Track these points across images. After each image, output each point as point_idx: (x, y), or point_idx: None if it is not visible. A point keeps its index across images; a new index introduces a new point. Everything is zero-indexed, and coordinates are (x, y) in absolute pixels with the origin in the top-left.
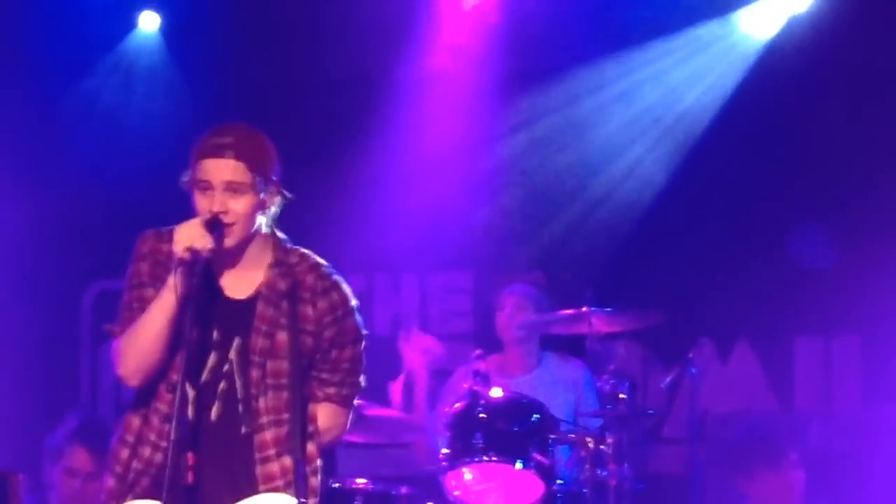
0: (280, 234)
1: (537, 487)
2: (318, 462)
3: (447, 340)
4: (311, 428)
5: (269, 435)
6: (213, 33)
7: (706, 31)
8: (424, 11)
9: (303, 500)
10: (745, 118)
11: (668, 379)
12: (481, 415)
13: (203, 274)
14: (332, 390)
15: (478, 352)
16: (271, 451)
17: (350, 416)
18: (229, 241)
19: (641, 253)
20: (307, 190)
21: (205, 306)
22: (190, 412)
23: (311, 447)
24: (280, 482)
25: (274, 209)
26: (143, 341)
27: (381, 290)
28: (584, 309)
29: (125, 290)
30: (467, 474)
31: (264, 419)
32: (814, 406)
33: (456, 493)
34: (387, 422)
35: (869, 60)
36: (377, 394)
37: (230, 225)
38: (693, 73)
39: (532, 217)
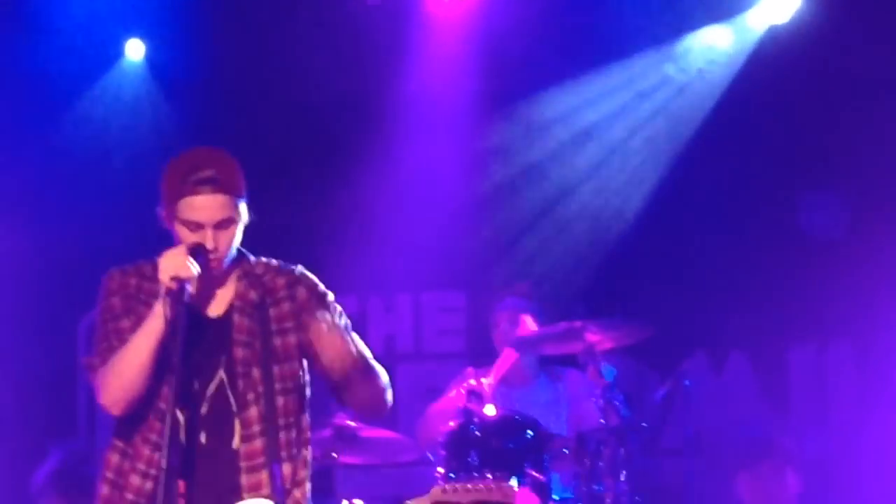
0: (241, 247)
1: None
2: (307, 472)
3: (441, 359)
4: (304, 436)
5: (258, 443)
6: (199, 59)
7: (690, 41)
8: (411, 33)
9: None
10: (732, 127)
11: (662, 391)
12: (476, 433)
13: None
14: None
15: (470, 370)
16: (260, 460)
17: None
18: (215, 270)
19: (632, 265)
20: (299, 213)
21: (187, 331)
22: (182, 437)
23: (306, 454)
24: (267, 490)
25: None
26: (127, 370)
27: (375, 312)
28: (577, 323)
29: (99, 324)
30: None
31: (255, 428)
32: (809, 415)
33: None
34: (383, 442)
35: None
36: None
37: (218, 258)
38: (676, 84)
39: (522, 233)
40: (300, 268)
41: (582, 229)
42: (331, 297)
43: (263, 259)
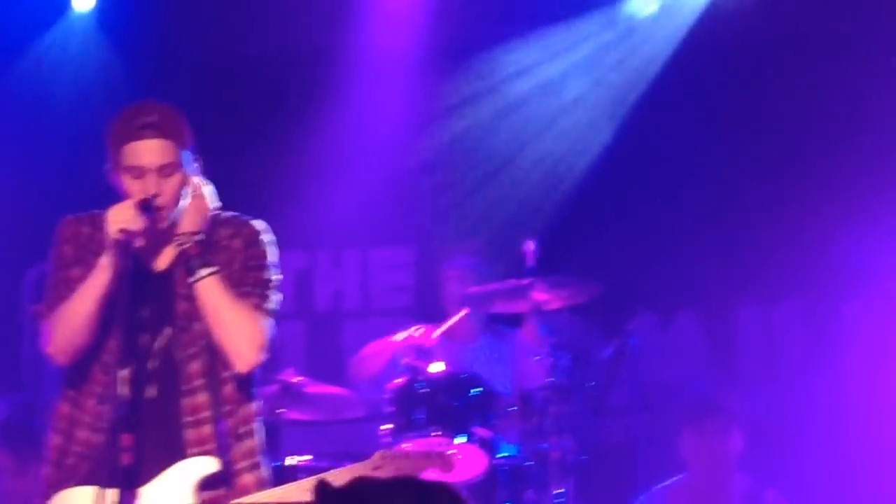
0: None
1: (480, 461)
2: (255, 425)
3: (389, 316)
4: (249, 389)
5: (202, 398)
6: (148, 12)
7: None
8: None
9: (225, 460)
10: (686, 84)
11: (609, 350)
12: (422, 390)
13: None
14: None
15: (417, 327)
16: (204, 414)
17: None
18: (162, 222)
19: (580, 223)
20: (247, 167)
21: (134, 286)
22: (125, 391)
23: (249, 408)
24: (213, 445)
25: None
26: (73, 319)
27: (323, 267)
28: (525, 281)
29: (50, 272)
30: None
31: (197, 382)
32: (756, 374)
33: None
34: (329, 398)
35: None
36: (319, 371)
37: (163, 208)
38: (631, 42)
39: (472, 189)
40: (251, 220)
41: (531, 187)
42: (266, 249)
43: (224, 213)
